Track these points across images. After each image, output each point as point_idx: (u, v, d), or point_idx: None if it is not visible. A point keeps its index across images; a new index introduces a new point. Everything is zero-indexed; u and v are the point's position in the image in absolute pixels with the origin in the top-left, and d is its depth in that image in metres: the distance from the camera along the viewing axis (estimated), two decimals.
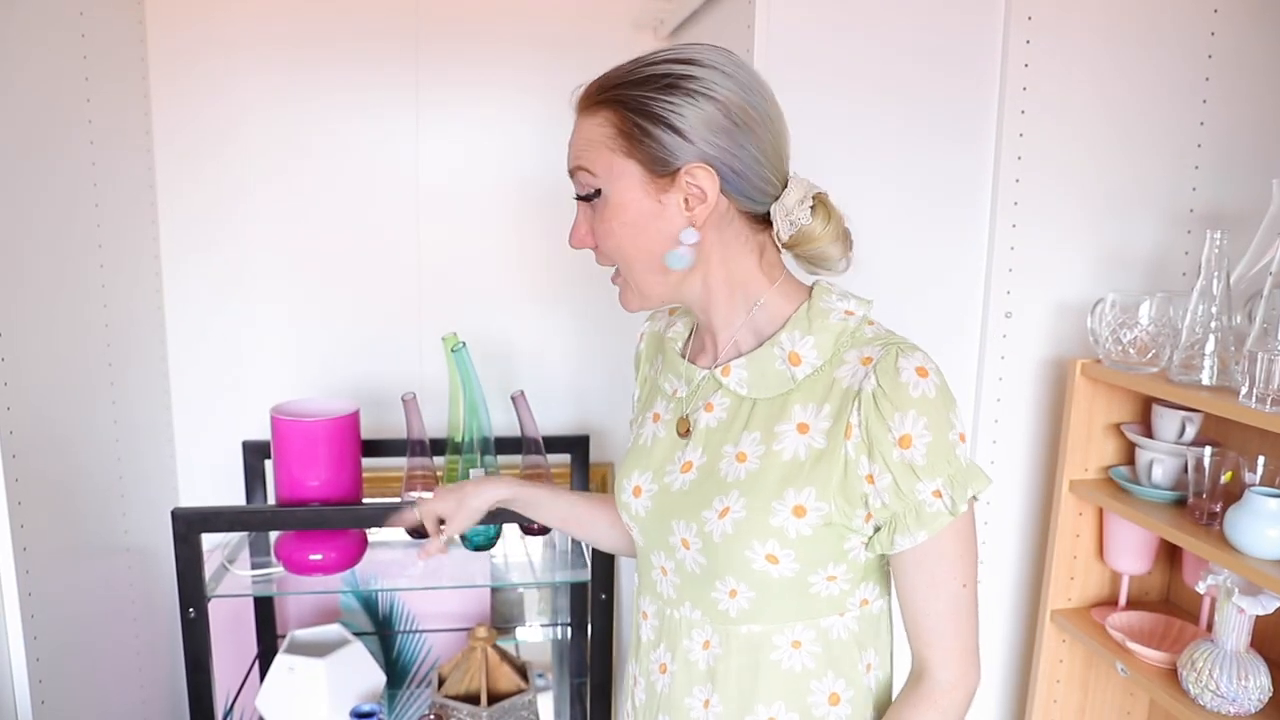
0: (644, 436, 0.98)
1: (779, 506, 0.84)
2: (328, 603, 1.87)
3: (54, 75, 1.41)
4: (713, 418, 0.91)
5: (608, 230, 0.86)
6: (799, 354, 0.86)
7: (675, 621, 0.93)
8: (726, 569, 0.86)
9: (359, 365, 1.90)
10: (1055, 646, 1.50)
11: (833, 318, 0.87)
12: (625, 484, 0.97)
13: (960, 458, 0.82)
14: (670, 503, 0.91)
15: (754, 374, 0.88)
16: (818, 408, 0.84)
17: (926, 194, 1.44)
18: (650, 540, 0.95)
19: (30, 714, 1.30)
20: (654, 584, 0.95)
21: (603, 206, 0.86)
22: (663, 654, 0.95)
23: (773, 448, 0.85)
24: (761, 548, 0.84)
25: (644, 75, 0.83)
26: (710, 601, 0.89)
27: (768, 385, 0.87)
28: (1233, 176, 1.49)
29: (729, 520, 0.85)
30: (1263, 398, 1.10)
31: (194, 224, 1.81)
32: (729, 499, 0.86)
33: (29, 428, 1.32)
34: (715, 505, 0.86)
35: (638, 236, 0.85)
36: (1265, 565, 1.13)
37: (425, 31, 1.80)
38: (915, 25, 1.39)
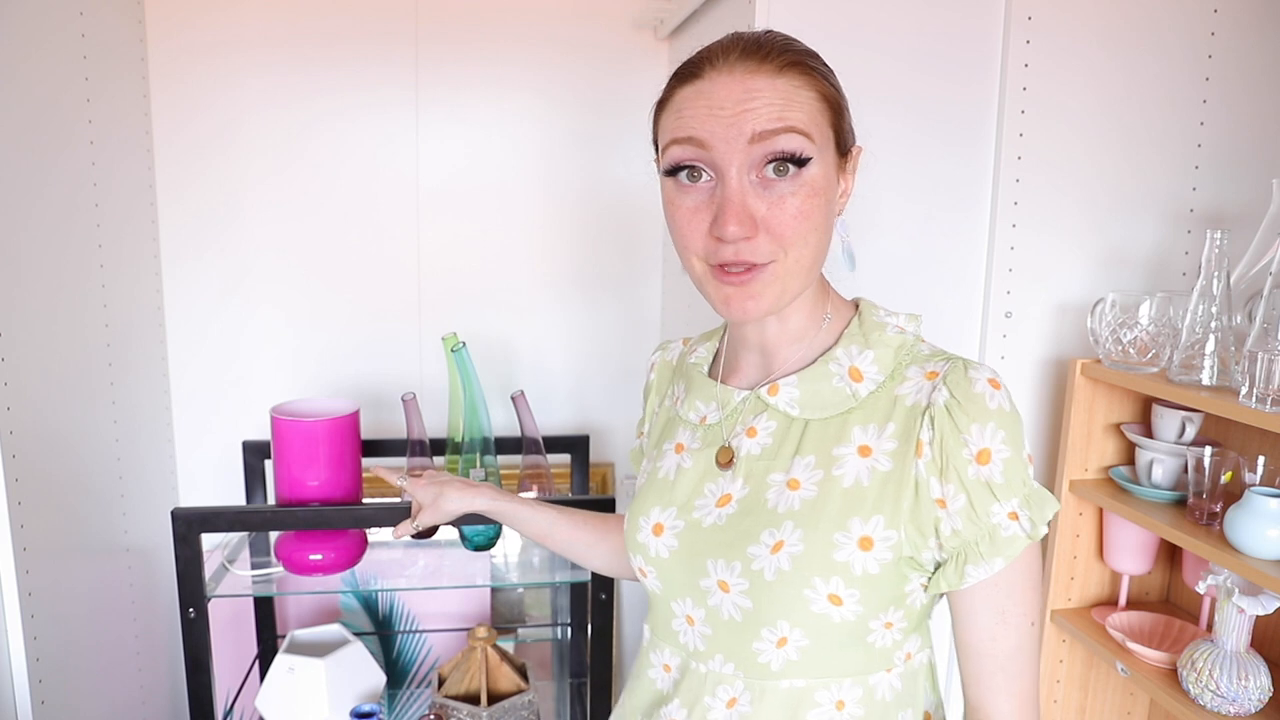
0: (663, 470, 0.87)
1: (843, 539, 0.74)
2: (328, 603, 1.87)
3: (54, 75, 1.41)
4: (755, 444, 0.80)
5: (805, 210, 0.72)
6: (860, 369, 0.78)
7: (699, 676, 0.82)
8: (779, 612, 0.76)
9: (359, 365, 1.90)
10: (1055, 646, 1.50)
11: (889, 331, 0.81)
12: (642, 522, 0.85)
13: (1032, 478, 0.76)
14: (702, 540, 0.81)
15: (807, 392, 0.79)
16: (880, 428, 0.76)
17: (926, 194, 1.44)
18: (673, 586, 0.83)
19: (30, 714, 1.30)
20: (675, 635, 0.84)
21: (806, 180, 0.72)
22: (675, 710, 0.83)
23: (832, 473, 0.76)
24: (824, 586, 0.74)
25: (806, 49, 0.76)
26: (750, 653, 0.78)
27: (824, 404, 0.79)
28: (1233, 176, 1.49)
29: (784, 555, 0.75)
30: (1263, 398, 1.10)
31: (194, 224, 1.81)
32: (781, 532, 0.76)
33: (29, 428, 1.32)
34: (764, 540, 0.76)
35: (827, 222, 0.75)
36: (1265, 565, 1.13)
37: (425, 31, 1.81)
38: (915, 26, 1.39)
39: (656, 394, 0.98)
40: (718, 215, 0.72)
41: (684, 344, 0.98)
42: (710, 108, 0.72)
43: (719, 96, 0.72)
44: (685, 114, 0.74)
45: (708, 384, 0.87)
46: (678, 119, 0.74)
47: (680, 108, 0.75)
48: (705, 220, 0.73)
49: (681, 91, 0.75)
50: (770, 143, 0.71)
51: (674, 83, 0.77)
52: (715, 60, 0.74)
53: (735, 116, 0.71)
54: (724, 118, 0.71)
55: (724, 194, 0.72)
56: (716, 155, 0.72)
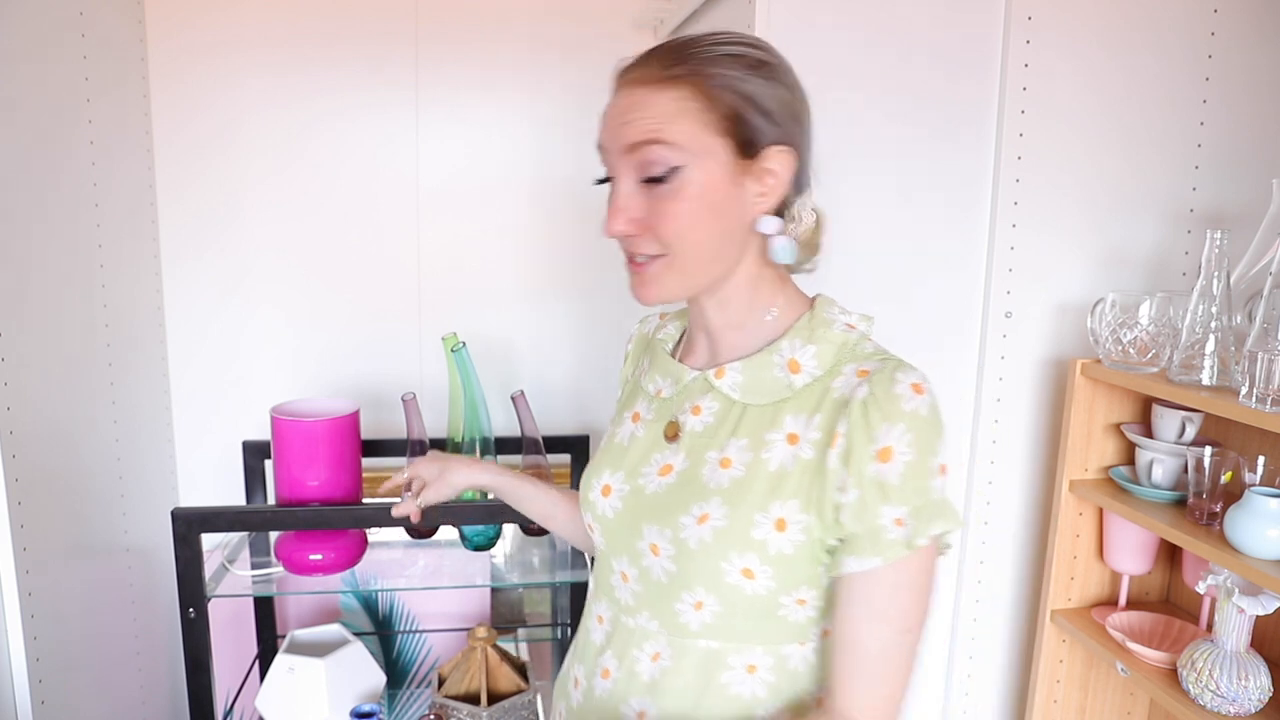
0: (620, 435, 0.94)
1: (762, 519, 0.80)
2: (328, 603, 1.87)
3: (54, 75, 1.41)
4: (699, 421, 0.87)
5: (678, 212, 0.79)
6: (799, 362, 0.83)
7: (628, 630, 0.89)
8: (698, 579, 0.82)
9: (359, 365, 1.90)
10: (1055, 646, 1.50)
11: (835, 328, 0.85)
12: (594, 482, 0.93)
13: (935, 489, 0.77)
14: (643, 506, 0.87)
15: (749, 378, 0.85)
16: (809, 418, 0.81)
17: (926, 194, 1.44)
18: (614, 544, 0.90)
19: (30, 714, 1.30)
20: (611, 589, 0.91)
21: (680, 186, 0.78)
22: (609, 660, 0.90)
23: (760, 455, 0.82)
24: (739, 560, 0.80)
25: (720, 53, 0.80)
26: (672, 613, 0.85)
27: (762, 391, 0.84)
28: (1233, 176, 1.49)
29: (708, 528, 0.81)
30: (1263, 398, 1.10)
31: (194, 224, 1.81)
32: (709, 505, 0.82)
33: (29, 428, 1.32)
34: (694, 511, 0.82)
35: (713, 220, 0.80)
36: (1265, 565, 1.13)
37: (425, 31, 1.80)
38: (915, 26, 1.39)
39: (631, 363, 1.05)
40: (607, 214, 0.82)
41: (660, 319, 1.03)
42: (609, 120, 0.82)
43: (613, 110, 0.82)
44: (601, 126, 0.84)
45: (668, 361, 0.93)
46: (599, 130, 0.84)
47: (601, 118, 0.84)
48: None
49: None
50: (640, 153, 0.79)
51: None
52: (621, 74, 0.83)
53: (619, 129, 0.80)
54: (613, 129, 0.81)
55: (611, 197, 0.82)
56: (610, 162, 0.82)
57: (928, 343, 1.49)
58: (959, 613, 1.58)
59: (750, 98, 0.79)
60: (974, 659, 1.60)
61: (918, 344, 1.48)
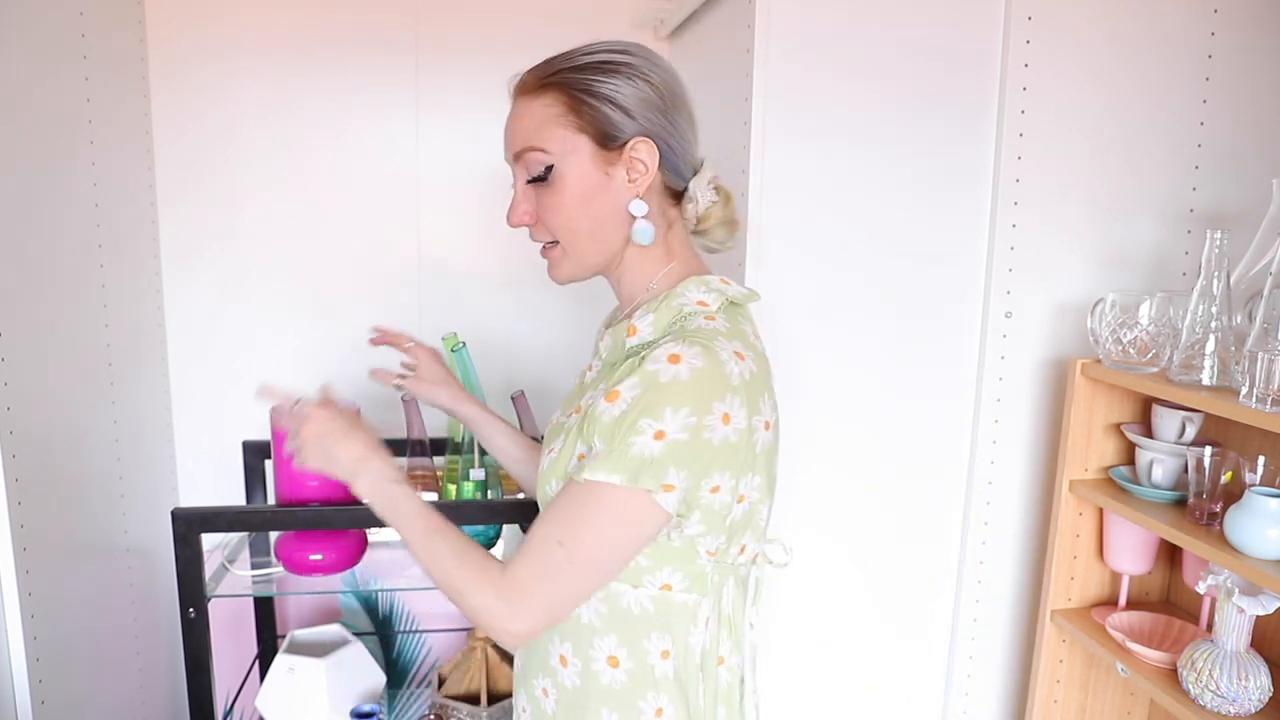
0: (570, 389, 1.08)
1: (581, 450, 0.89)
2: (328, 603, 1.87)
3: (54, 76, 1.41)
4: (591, 374, 1.01)
5: (558, 204, 0.91)
6: (637, 328, 0.93)
7: None
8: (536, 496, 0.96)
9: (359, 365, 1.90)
10: (1055, 647, 1.50)
11: (678, 301, 0.92)
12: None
13: (635, 445, 0.82)
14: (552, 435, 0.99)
15: (613, 340, 0.97)
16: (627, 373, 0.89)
17: (926, 193, 1.44)
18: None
19: (30, 714, 1.30)
20: None
21: (555, 181, 0.91)
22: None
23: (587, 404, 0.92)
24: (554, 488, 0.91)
25: (583, 62, 0.91)
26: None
27: (615, 351, 0.96)
28: (1233, 176, 1.49)
29: (547, 459, 0.94)
30: (1263, 398, 1.10)
31: (194, 223, 1.81)
32: (554, 442, 0.94)
33: (29, 428, 1.32)
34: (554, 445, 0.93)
35: (588, 208, 0.91)
36: (1265, 565, 1.13)
37: (425, 32, 1.81)
38: (915, 26, 1.39)
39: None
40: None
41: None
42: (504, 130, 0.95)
43: (507, 121, 0.95)
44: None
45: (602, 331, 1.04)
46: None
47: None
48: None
49: None
50: (523, 159, 0.92)
51: None
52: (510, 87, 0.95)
53: (508, 138, 0.94)
54: (506, 138, 0.95)
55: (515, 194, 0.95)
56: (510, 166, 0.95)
57: (928, 343, 1.49)
58: (959, 613, 1.58)
59: (608, 97, 0.89)
60: (974, 659, 1.60)
61: (918, 344, 1.49)
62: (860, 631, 1.57)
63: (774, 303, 1.38)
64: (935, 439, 1.52)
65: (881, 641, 1.58)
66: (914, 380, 1.50)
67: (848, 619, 1.56)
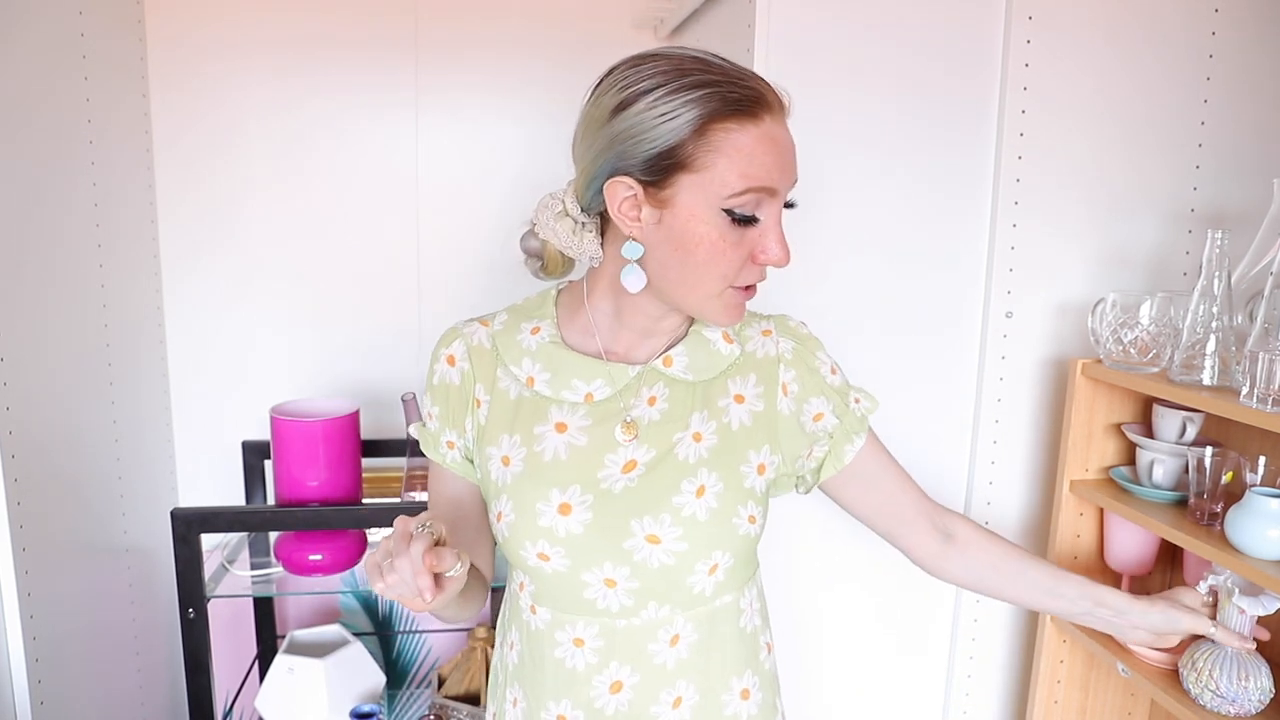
0: (548, 452, 0.89)
1: (746, 470, 0.90)
2: (328, 603, 1.87)
3: (53, 76, 1.41)
4: (655, 410, 0.90)
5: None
6: (730, 334, 0.94)
7: (633, 630, 0.89)
8: (714, 544, 0.88)
9: (359, 365, 1.90)
10: (1056, 647, 1.50)
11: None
12: (543, 508, 0.87)
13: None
14: (618, 506, 0.87)
15: (693, 360, 0.92)
16: (743, 379, 0.93)
17: (927, 193, 1.44)
18: (584, 558, 0.87)
19: (30, 714, 1.30)
20: (590, 604, 0.89)
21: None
22: (615, 671, 0.89)
23: (722, 421, 0.91)
24: (745, 511, 0.89)
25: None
26: (684, 588, 0.88)
27: (709, 367, 0.92)
28: (1234, 176, 1.49)
29: (710, 495, 0.87)
30: (1264, 398, 1.10)
31: (194, 223, 1.81)
32: (700, 478, 0.88)
33: (29, 428, 1.32)
34: (685, 488, 0.87)
35: None
36: (1266, 565, 1.13)
37: (425, 32, 1.80)
38: (915, 26, 1.38)
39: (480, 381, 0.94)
40: (771, 247, 0.83)
41: (483, 325, 0.96)
42: (780, 157, 0.81)
43: (784, 147, 0.82)
44: (760, 160, 0.80)
45: (586, 362, 0.91)
46: (749, 164, 0.79)
47: (750, 151, 0.79)
48: (746, 249, 0.83)
49: (748, 131, 0.79)
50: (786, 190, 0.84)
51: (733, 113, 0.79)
52: (771, 104, 0.81)
53: (791, 167, 0.83)
54: (788, 169, 0.83)
55: (779, 230, 0.83)
56: (777, 201, 0.83)
57: (928, 342, 1.49)
58: (959, 613, 1.58)
59: None
60: (974, 659, 1.60)
61: (918, 344, 1.48)
62: (861, 631, 1.57)
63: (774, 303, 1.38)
64: (936, 439, 1.52)
65: (882, 641, 1.58)
66: (914, 380, 1.50)
67: (848, 619, 1.56)
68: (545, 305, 0.98)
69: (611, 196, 0.83)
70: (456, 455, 0.95)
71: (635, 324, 0.92)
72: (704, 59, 0.81)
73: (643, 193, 0.81)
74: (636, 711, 0.90)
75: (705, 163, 0.79)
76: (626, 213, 0.83)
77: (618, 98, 0.81)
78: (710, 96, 0.78)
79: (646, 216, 0.82)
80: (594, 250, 0.90)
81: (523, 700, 0.95)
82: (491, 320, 0.97)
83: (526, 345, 0.93)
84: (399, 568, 0.71)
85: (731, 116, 0.78)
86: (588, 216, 0.89)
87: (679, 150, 0.79)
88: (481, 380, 0.94)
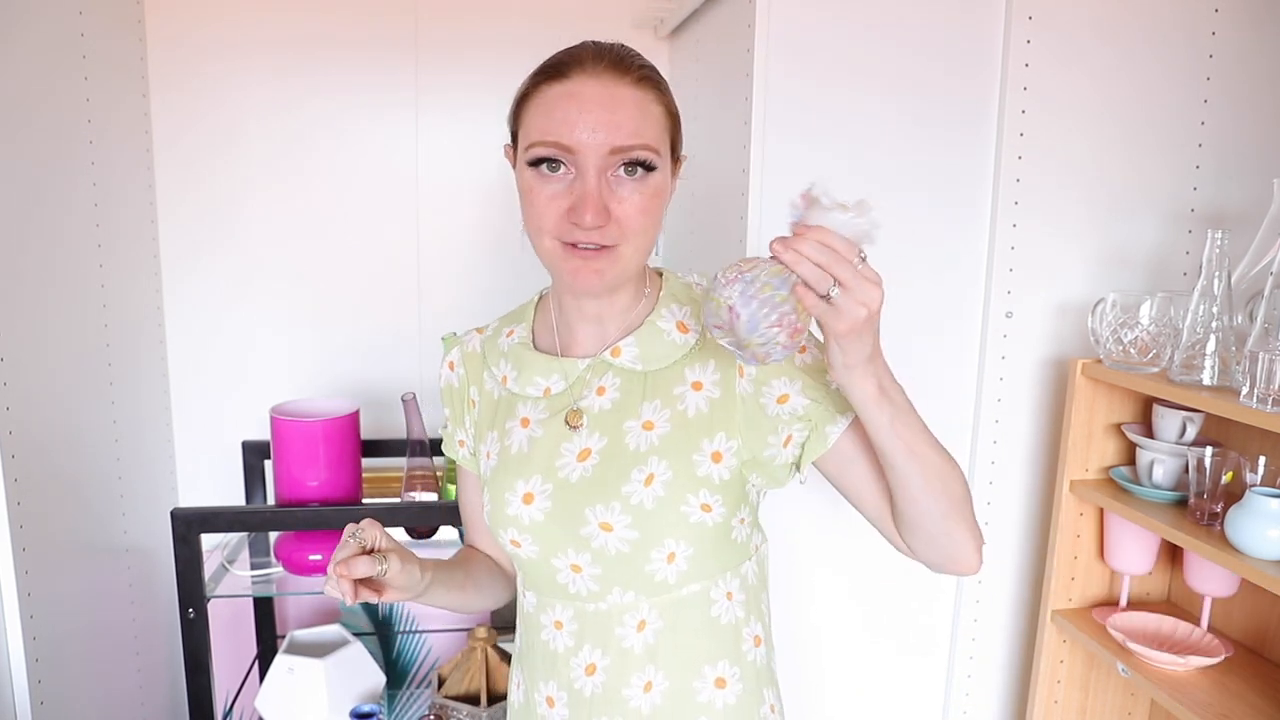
0: (515, 446, 0.94)
1: (699, 458, 0.89)
2: (328, 603, 1.87)
3: (53, 76, 1.41)
4: (605, 400, 0.92)
5: (644, 208, 0.85)
6: (685, 323, 0.93)
7: (602, 615, 0.92)
8: (664, 532, 0.89)
9: (359, 365, 1.90)
10: (1056, 647, 1.50)
11: (695, 290, 0.97)
12: (509, 498, 0.93)
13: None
14: (575, 494, 0.90)
15: (645, 349, 0.92)
16: (703, 365, 0.92)
17: (926, 194, 1.44)
18: (550, 544, 0.92)
19: (30, 714, 1.30)
20: (563, 588, 0.93)
21: (650, 184, 0.85)
22: (588, 654, 0.93)
23: (676, 409, 0.90)
24: (695, 499, 0.88)
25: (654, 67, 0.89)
26: (645, 576, 0.90)
27: (662, 356, 0.92)
28: (1234, 176, 1.49)
29: (658, 484, 0.88)
30: (1264, 398, 1.10)
31: (194, 223, 1.81)
32: (649, 466, 0.89)
33: (29, 428, 1.32)
34: (634, 477, 0.88)
35: (661, 217, 0.89)
36: (1266, 565, 1.13)
37: (425, 32, 1.81)
38: (915, 25, 1.38)
39: (473, 384, 1.02)
40: (576, 205, 0.83)
41: (479, 333, 1.04)
42: (580, 111, 0.82)
43: (587, 101, 0.83)
44: (555, 115, 0.83)
45: (545, 359, 0.95)
46: (546, 119, 0.84)
47: (549, 107, 0.84)
48: (562, 205, 0.84)
49: (548, 90, 0.84)
50: (627, 153, 0.83)
51: (538, 79, 0.86)
52: (584, 64, 0.84)
53: (600, 124, 0.82)
54: (589, 123, 0.82)
55: (583, 189, 0.83)
56: (580, 158, 0.83)
57: (928, 342, 1.49)
58: (959, 613, 1.58)
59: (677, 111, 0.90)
60: (974, 659, 1.60)
61: (918, 343, 1.48)
62: (861, 631, 1.57)
63: None
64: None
65: (882, 641, 1.58)
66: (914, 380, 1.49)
67: (848, 618, 1.56)
68: (527, 309, 1.03)
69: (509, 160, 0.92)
70: (466, 452, 1.04)
71: (581, 310, 0.94)
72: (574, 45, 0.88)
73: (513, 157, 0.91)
74: (610, 694, 0.93)
75: (522, 125, 0.87)
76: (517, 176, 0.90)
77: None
78: (536, 71, 0.87)
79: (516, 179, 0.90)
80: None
81: (523, 682, 1.01)
82: (486, 328, 1.04)
83: (503, 348, 0.99)
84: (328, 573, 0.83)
85: (542, 82, 0.85)
86: None
87: (513, 119, 0.90)
88: (474, 383, 1.02)
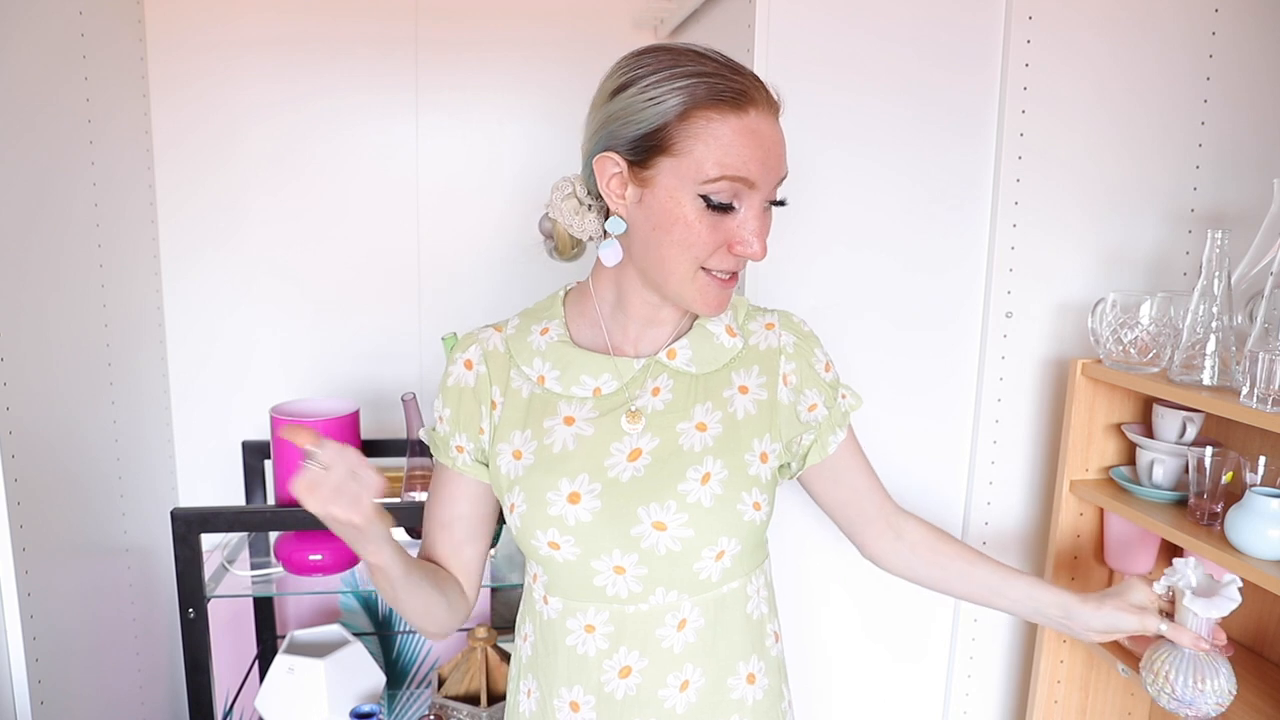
0: (557, 444, 0.92)
1: (750, 458, 0.93)
2: (328, 603, 1.87)
3: (53, 77, 1.41)
4: (659, 401, 0.93)
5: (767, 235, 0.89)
6: (733, 328, 0.98)
7: (641, 616, 0.92)
8: (719, 530, 0.91)
9: (359, 365, 1.90)
10: (1056, 647, 1.50)
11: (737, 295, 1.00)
12: (553, 497, 0.90)
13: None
14: (626, 493, 0.90)
15: (697, 352, 0.96)
16: (747, 370, 0.96)
17: (926, 194, 1.44)
18: (594, 545, 0.90)
19: (30, 714, 1.30)
20: (600, 590, 0.92)
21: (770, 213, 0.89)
22: (624, 657, 0.92)
23: (727, 411, 0.94)
24: (749, 498, 0.92)
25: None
26: (691, 574, 0.91)
27: (713, 360, 0.96)
28: (1234, 176, 1.49)
29: (715, 483, 0.90)
30: (1264, 398, 1.10)
31: (194, 223, 1.81)
32: (705, 465, 0.91)
33: (29, 428, 1.32)
34: (690, 476, 0.90)
35: None
36: (1266, 565, 1.13)
37: (425, 32, 1.80)
38: (915, 25, 1.38)
39: (496, 383, 0.97)
40: (747, 239, 0.86)
41: (498, 330, 1.00)
42: (762, 150, 0.84)
43: (767, 140, 0.84)
44: (738, 150, 0.83)
45: (595, 358, 0.95)
46: (726, 153, 0.82)
47: (730, 140, 0.82)
48: (722, 235, 0.85)
49: (729, 121, 0.82)
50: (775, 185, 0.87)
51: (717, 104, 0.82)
52: (757, 100, 0.84)
53: (776, 162, 0.86)
54: (770, 164, 0.85)
55: (757, 225, 0.86)
56: (756, 195, 0.85)
57: (928, 342, 1.49)
58: (959, 612, 1.58)
59: None
60: (974, 659, 1.60)
61: (918, 344, 1.48)
62: (861, 631, 1.57)
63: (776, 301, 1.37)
64: (935, 439, 1.52)
65: (882, 641, 1.58)
66: (914, 380, 1.50)
67: (848, 618, 1.56)
68: (554, 306, 1.02)
69: (600, 171, 0.88)
70: (467, 458, 0.99)
71: (636, 312, 0.95)
72: (703, 53, 0.85)
73: (628, 171, 0.86)
74: (645, 695, 0.93)
75: (685, 148, 0.83)
76: (614, 190, 0.88)
77: (616, 82, 0.87)
78: (697, 86, 0.82)
79: (630, 195, 0.87)
80: (594, 228, 0.95)
81: (536, 690, 0.99)
82: (505, 325, 1.01)
83: (537, 346, 0.97)
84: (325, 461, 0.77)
85: (714, 106, 0.82)
86: (593, 199, 0.94)
87: (661, 133, 0.83)
88: (497, 382, 0.98)
